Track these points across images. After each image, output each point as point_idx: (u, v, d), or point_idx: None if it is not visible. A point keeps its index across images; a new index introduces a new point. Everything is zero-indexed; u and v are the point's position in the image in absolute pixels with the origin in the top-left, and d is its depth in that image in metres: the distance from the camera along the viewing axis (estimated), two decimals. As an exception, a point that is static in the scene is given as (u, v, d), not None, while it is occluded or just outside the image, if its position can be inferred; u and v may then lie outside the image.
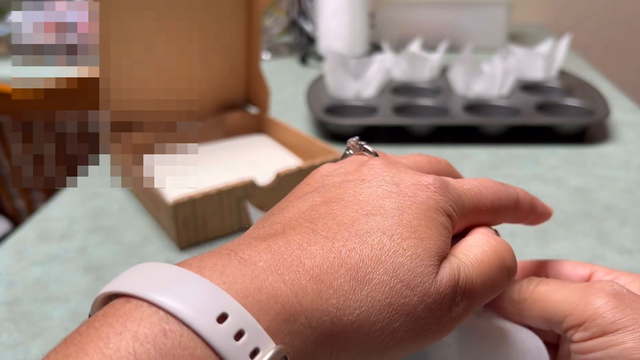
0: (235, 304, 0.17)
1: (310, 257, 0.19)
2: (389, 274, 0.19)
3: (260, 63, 0.69)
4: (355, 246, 0.19)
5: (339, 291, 0.18)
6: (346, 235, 0.20)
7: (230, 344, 0.16)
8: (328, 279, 0.18)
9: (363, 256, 0.19)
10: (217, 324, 0.16)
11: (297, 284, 0.18)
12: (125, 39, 0.59)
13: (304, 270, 0.18)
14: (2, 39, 1.33)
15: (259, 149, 0.68)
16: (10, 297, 0.46)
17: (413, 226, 0.20)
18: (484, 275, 0.21)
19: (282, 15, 1.26)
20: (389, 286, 0.19)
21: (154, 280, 0.17)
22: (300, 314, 0.18)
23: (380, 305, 0.19)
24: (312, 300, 0.18)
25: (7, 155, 1.11)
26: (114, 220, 0.57)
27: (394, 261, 0.19)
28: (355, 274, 0.19)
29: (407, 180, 0.22)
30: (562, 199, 0.60)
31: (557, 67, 0.90)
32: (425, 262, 0.20)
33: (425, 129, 0.74)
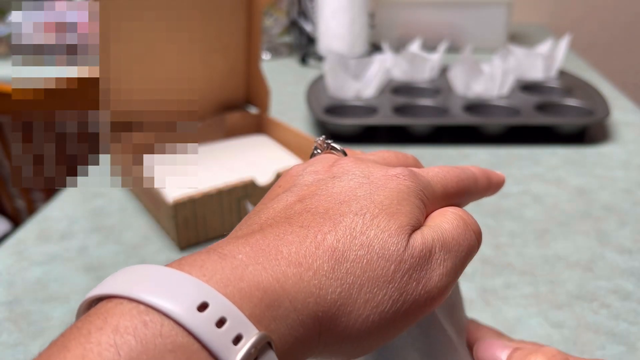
0: (215, 292, 0.17)
1: (287, 244, 0.19)
2: (364, 248, 0.20)
3: (260, 63, 0.69)
4: (330, 229, 0.20)
5: (319, 272, 0.19)
6: (320, 221, 0.20)
7: (212, 331, 0.16)
8: (307, 262, 0.19)
9: (338, 236, 0.20)
10: (198, 312, 0.16)
11: (277, 270, 0.18)
12: (125, 39, 0.59)
13: (282, 257, 0.19)
14: (3, 39, 1.33)
15: (259, 149, 0.68)
16: (10, 297, 0.46)
17: (384, 204, 0.21)
18: (454, 234, 0.22)
19: (282, 15, 1.26)
20: (365, 260, 0.20)
21: (133, 279, 0.17)
22: (283, 299, 0.18)
23: (360, 280, 0.19)
24: (294, 283, 0.18)
25: (7, 155, 1.11)
26: (114, 220, 0.58)
27: (368, 236, 0.20)
28: (333, 253, 0.19)
29: (376, 173, 0.23)
30: (562, 199, 0.60)
31: (556, 67, 0.90)
32: (398, 232, 0.21)
33: (425, 129, 0.74)
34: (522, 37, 1.31)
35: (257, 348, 0.16)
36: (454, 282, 0.22)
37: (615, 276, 0.47)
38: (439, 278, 0.21)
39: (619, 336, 0.40)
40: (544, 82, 0.88)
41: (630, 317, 0.42)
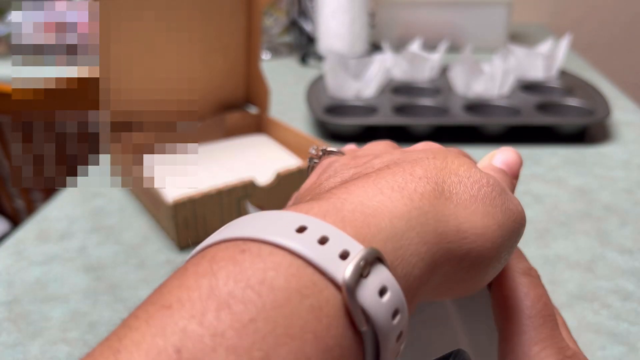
0: (312, 218, 0.16)
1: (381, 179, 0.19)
2: (453, 175, 0.20)
3: (260, 63, 0.69)
4: (412, 168, 0.19)
5: (426, 191, 0.18)
6: (398, 167, 0.20)
7: (314, 248, 0.15)
8: (407, 186, 0.18)
9: (425, 169, 0.19)
10: (296, 233, 0.15)
11: (379, 197, 0.17)
12: (125, 39, 0.59)
13: (380, 186, 0.18)
14: (2, 39, 1.33)
15: (259, 149, 0.68)
16: (9, 297, 0.46)
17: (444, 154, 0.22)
18: None
19: (282, 15, 1.26)
20: (461, 182, 0.19)
21: (237, 225, 0.16)
22: (392, 219, 0.17)
23: (469, 195, 0.19)
24: (402, 205, 0.17)
25: (7, 155, 1.11)
26: (113, 220, 0.57)
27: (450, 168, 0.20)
28: (428, 180, 0.19)
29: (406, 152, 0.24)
30: (563, 199, 0.59)
31: (557, 67, 0.90)
32: (470, 165, 0.21)
33: (425, 129, 0.74)
34: (523, 37, 1.31)
35: (368, 261, 0.15)
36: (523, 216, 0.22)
37: (615, 276, 0.47)
38: (517, 202, 0.21)
39: (619, 336, 0.40)
40: (545, 82, 0.88)
41: (631, 318, 0.42)
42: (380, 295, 0.15)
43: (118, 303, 0.45)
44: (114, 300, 0.46)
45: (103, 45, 0.57)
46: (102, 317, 0.44)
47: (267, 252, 0.15)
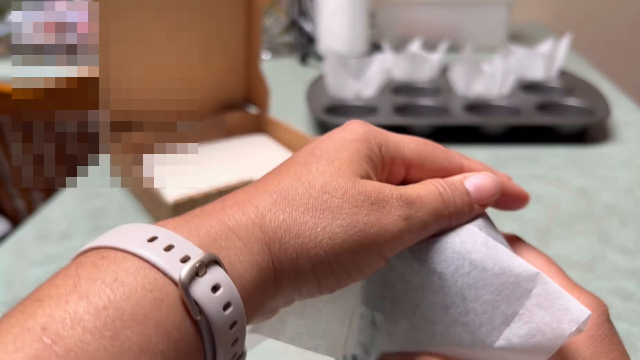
0: (163, 229, 0.19)
1: (235, 195, 0.22)
2: (305, 185, 0.22)
3: (260, 63, 0.69)
4: (274, 178, 0.22)
5: (261, 206, 0.21)
6: (270, 176, 0.23)
7: (159, 254, 0.18)
8: (250, 201, 0.21)
9: (281, 181, 0.22)
10: (147, 243, 0.18)
11: (222, 213, 0.21)
12: (125, 39, 0.59)
13: (228, 204, 0.21)
14: (2, 39, 1.33)
15: (259, 148, 0.68)
16: (9, 297, 0.46)
17: (326, 151, 0.23)
18: (421, 194, 0.23)
19: (282, 15, 1.26)
20: (307, 194, 0.21)
21: (105, 236, 0.20)
22: (228, 232, 0.20)
23: (304, 207, 0.21)
24: (238, 219, 0.20)
25: (7, 155, 1.11)
26: (113, 220, 0.57)
27: (308, 178, 0.22)
28: (274, 192, 0.21)
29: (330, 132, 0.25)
30: (563, 199, 0.59)
31: (557, 67, 0.90)
32: (339, 173, 0.22)
33: (425, 129, 0.74)
34: (523, 37, 1.31)
35: (204, 263, 0.18)
36: (413, 232, 0.23)
37: (616, 276, 0.47)
38: (395, 218, 0.22)
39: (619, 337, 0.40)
40: (545, 81, 0.88)
41: (632, 318, 0.42)
42: (213, 291, 0.18)
43: (118, 303, 0.45)
44: (114, 301, 0.46)
45: (103, 45, 0.57)
46: (102, 317, 0.44)
47: (122, 258, 0.18)
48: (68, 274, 0.18)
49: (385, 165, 0.25)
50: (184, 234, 0.19)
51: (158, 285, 0.18)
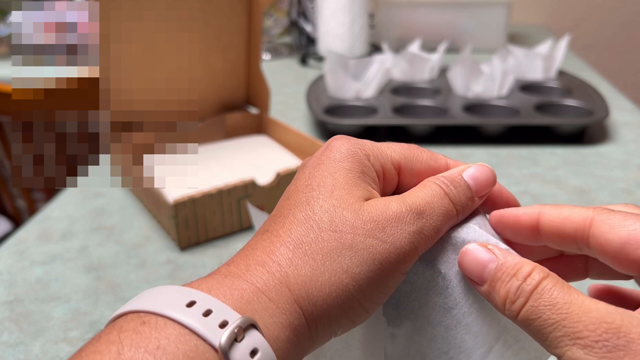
0: (200, 293, 0.20)
1: (254, 251, 0.22)
2: (314, 229, 0.22)
3: (260, 63, 0.69)
4: (281, 225, 0.23)
5: (282, 262, 0.21)
6: (274, 222, 0.23)
7: (199, 320, 0.19)
8: (270, 258, 0.21)
9: (289, 228, 0.22)
10: (186, 308, 0.19)
11: (249, 274, 0.21)
12: (125, 39, 0.59)
13: (252, 263, 0.22)
14: (3, 40, 1.33)
15: (259, 149, 0.68)
16: (11, 296, 0.47)
17: (321, 186, 0.23)
18: (429, 199, 0.23)
19: (282, 15, 1.26)
20: (320, 237, 0.22)
21: (141, 298, 0.20)
22: (259, 294, 0.20)
23: (320, 255, 0.21)
24: (265, 280, 0.21)
25: (8, 155, 1.11)
26: (114, 220, 0.58)
27: (314, 219, 0.22)
28: (289, 243, 0.22)
29: (312, 158, 0.26)
30: (561, 199, 0.60)
31: (556, 68, 0.90)
32: (342, 205, 0.22)
33: (424, 129, 0.75)
34: (522, 38, 1.31)
35: (242, 328, 0.19)
36: (428, 241, 0.23)
37: (614, 276, 0.47)
38: (409, 236, 0.22)
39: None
40: (544, 82, 0.89)
41: (630, 317, 0.42)
42: (252, 355, 0.19)
43: (119, 302, 0.45)
44: (114, 300, 0.46)
45: (103, 45, 0.57)
46: (103, 316, 0.44)
47: (162, 324, 0.19)
48: (110, 339, 0.18)
49: (379, 174, 0.25)
50: (219, 297, 0.20)
51: (199, 352, 0.18)
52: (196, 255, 0.51)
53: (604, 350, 0.18)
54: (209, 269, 0.50)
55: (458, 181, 0.24)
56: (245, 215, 0.54)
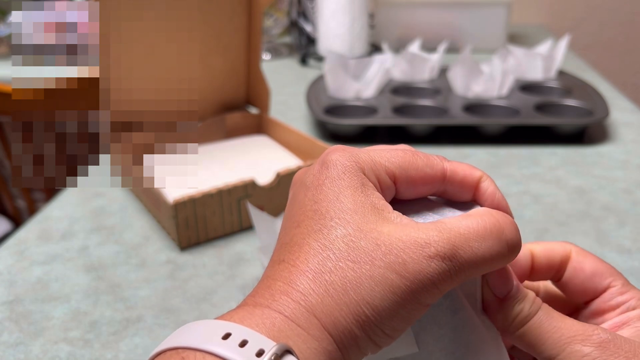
0: (235, 325, 0.20)
1: (276, 281, 0.22)
2: (333, 261, 0.22)
3: (260, 63, 0.69)
4: (297, 255, 0.23)
5: (305, 291, 0.21)
6: (289, 251, 0.23)
7: (236, 351, 0.19)
8: (294, 288, 0.22)
9: (305, 258, 0.22)
10: (222, 340, 0.20)
11: (276, 304, 0.21)
12: (125, 39, 0.59)
13: (276, 293, 0.22)
14: (3, 40, 1.33)
15: (259, 149, 0.68)
16: (11, 296, 0.47)
17: (329, 210, 0.23)
18: (473, 242, 0.22)
19: (282, 15, 1.26)
20: (338, 267, 0.21)
21: (178, 334, 0.21)
22: (289, 323, 0.21)
23: (340, 284, 0.21)
24: (293, 309, 0.21)
25: (8, 155, 1.11)
26: (114, 220, 0.58)
27: (330, 248, 0.22)
28: (308, 273, 0.22)
29: (309, 175, 0.25)
30: (561, 199, 0.60)
31: (556, 68, 0.90)
32: (359, 234, 0.22)
33: (424, 129, 0.75)
34: (522, 38, 1.31)
35: (279, 355, 0.19)
36: (457, 282, 0.22)
37: (614, 276, 0.47)
38: (433, 276, 0.21)
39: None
40: (544, 82, 0.89)
41: (630, 317, 0.42)
42: None
43: (119, 302, 0.45)
44: (114, 300, 0.46)
45: (103, 45, 0.57)
46: (103, 316, 0.44)
47: (201, 358, 0.19)
48: None
49: (375, 185, 0.24)
50: (253, 327, 0.20)
51: None
52: (196, 255, 0.51)
53: (597, 341, 0.23)
54: (209, 269, 0.50)
55: None
56: (245, 215, 0.54)
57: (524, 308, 0.25)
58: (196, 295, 0.46)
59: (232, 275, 0.49)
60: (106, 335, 0.42)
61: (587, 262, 0.28)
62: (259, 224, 0.45)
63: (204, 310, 0.44)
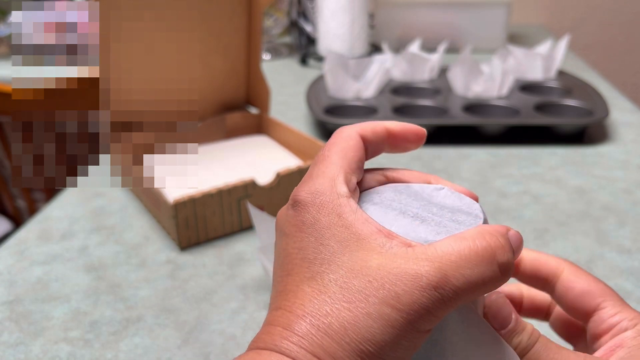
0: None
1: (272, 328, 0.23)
2: (329, 304, 0.22)
3: (260, 63, 0.69)
4: (292, 302, 0.23)
5: (304, 335, 0.22)
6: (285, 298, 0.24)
7: None
8: (293, 332, 0.22)
9: (301, 304, 0.23)
10: None
11: (280, 342, 0.22)
12: (125, 39, 0.59)
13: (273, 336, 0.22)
14: (3, 40, 1.33)
15: (259, 149, 0.68)
16: (11, 296, 0.47)
17: (318, 257, 0.23)
18: (465, 269, 0.22)
19: (282, 16, 1.26)
20: (334, 309, 0.22)
21: None
22: None
23: (337, 325, 0.22)
24: (297, 352, 0.21)
25: (8, 155, 1.11)
26: (114, 220, 0.58)
27: (328, 294, 0.22)
28: (310, 319, 0.22)
29: (281, 216, 0.26)
30: (561, 199, 0.60)
31: (556, 68, 0.90)
32: (351, 275, 0.22)
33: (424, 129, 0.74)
34: (522, 38, 1.31)
35: None
36: (451, 307, 0.22)
37: (614, 276, 0.47)
38: (427, 304, 0.21)
39: None
40: (543, 82, 0.89)
41: (629, 317, 0.42)
42: None
43: (119, 302, 0.46)
44: (115, 300, 0.46)
45: (103, 45, 0.57)
46: (103, 316, 0.44)
47: None
48: None
49: (351, 185, 0.25)
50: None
51: None
52: (196, 255, 0.51)
53: None
54: (209, 269, 0.50)
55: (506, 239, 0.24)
56: (245, 215, 0.54)
57: (522, 340, 0.25)
58: (196, 295, 0.46)
59: (232, 275, 0.49)
60: (106, 335, 0.42)
61: (579, 281, 0.28)
62: (259, 224, 0.45)
63: (204, 310, 0.44)
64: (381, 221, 0.24)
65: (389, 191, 0.27)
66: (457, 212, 0.25)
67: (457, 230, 0.24)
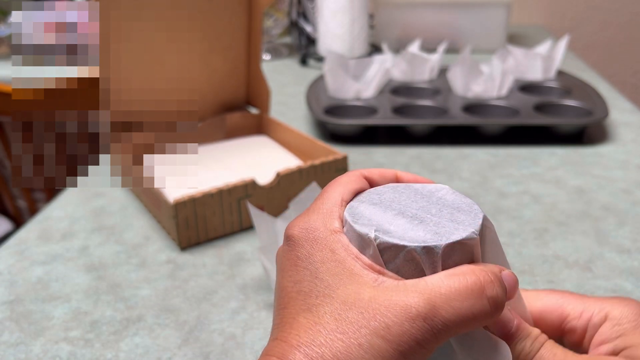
0: None
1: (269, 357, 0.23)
2: (323, 334, 0.22)
3: (260, 64, 0.69)
4: (288, 332, 0.23)
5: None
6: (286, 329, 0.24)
7: None
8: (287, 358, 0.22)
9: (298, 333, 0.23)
10: None
11: None
12: (125, 39, 0.59)
13: None
14: (4, 40, 1.33)
15: (259, 149, 0.68)
16: (11, 296, 0.47)
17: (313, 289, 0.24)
18: (454, 302, 0.22)
19: (282, 16, 1.26)
20: (329, 340, 0.22)
21: None
22: None
23: (330, 355, 0.22)
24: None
25: (8, 155, 1.11)
26: (115, 220, 0.58)
27: (322, 325, 0.23)
28: (304, 347, 0.22)
29: (279, 253, 0.27)
30: (561, 199, 0.60)
31: (555, 68, 0.90)
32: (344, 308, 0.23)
33: (424, 129, 0.75)
34: (521, 38, 1.31)
35: None
36: (442, 339, 0.22)
37: (614, 276, 0.47)
38: (417, 337, 0.22)
39: None
40: (543, 82, 0.89)
41: (629, 317, 0.42)
42: None
43: (119, 302, 0.46)
44: (115, 300, 0.46)
45: (103, 45, 0.57)
46: (103, 316, 0.44)
47: None
48: None
49: None
50: None
51: None
52: (196, 255, 0.51)
53: None
54: (209, 269, 0.50)
55: (499, 279, 0.24)
56: (245, 215, 0.54)
57: (525, 346, 0.26)
58: (196, 295, 0.46)
59: (232, 275, 0.49)
60: (106, 334, 0.42)
61: (535, 304, 0.29)
62: (259, 224, 0.45)
63: (204, 310, 0.44)
64: (380, 221, 0.25)
65: (388, 191, 0.27)
66: (457, 212, 0.25)
67: (455, 231, 0.24)
